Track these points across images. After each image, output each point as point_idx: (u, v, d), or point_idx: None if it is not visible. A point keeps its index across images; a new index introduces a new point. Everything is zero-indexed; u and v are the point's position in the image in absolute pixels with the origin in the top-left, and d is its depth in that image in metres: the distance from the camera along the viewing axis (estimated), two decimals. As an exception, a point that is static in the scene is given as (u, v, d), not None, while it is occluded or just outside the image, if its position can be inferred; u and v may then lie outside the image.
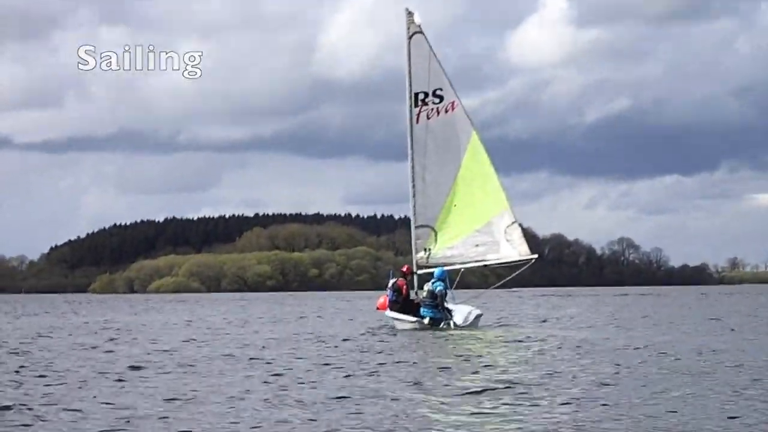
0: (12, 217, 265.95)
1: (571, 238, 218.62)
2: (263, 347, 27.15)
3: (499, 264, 34.22)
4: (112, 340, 31.52)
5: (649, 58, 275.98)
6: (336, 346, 27.12)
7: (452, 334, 29.88)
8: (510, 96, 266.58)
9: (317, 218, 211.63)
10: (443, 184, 34.43)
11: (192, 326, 41.04)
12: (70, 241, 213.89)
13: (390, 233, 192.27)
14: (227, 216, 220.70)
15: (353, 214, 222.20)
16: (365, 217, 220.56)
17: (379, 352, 24.64)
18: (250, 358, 23.26)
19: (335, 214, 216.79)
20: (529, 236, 35.55)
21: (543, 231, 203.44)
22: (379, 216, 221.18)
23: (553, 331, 33.35)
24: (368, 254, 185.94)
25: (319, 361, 22.43)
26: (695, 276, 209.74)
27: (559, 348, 25.49)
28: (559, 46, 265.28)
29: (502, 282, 35.77)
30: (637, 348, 25.45)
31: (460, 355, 23.26)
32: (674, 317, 45.67)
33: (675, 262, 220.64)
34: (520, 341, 27.85)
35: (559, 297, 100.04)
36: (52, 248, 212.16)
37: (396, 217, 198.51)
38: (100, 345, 28.94)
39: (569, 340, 28.10)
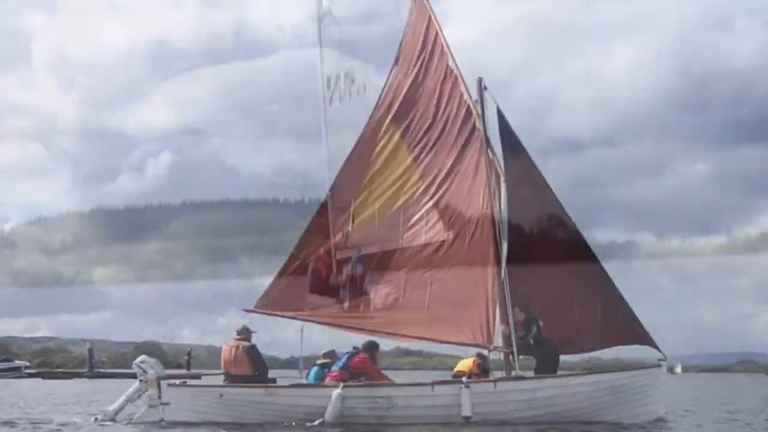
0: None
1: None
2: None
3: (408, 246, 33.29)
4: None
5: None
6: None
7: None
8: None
9: (245, 204, 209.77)
10: (358, 166, 34.01)
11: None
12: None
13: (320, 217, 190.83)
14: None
15: (281, 199, 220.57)
16: (294, 201, 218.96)
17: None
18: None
19: (263, 199, 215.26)
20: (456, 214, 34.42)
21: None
22: (307, 200, 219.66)
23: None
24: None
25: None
26: (622, 252, 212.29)
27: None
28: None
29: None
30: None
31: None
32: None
33: (602, 238, 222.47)
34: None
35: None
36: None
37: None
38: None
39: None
